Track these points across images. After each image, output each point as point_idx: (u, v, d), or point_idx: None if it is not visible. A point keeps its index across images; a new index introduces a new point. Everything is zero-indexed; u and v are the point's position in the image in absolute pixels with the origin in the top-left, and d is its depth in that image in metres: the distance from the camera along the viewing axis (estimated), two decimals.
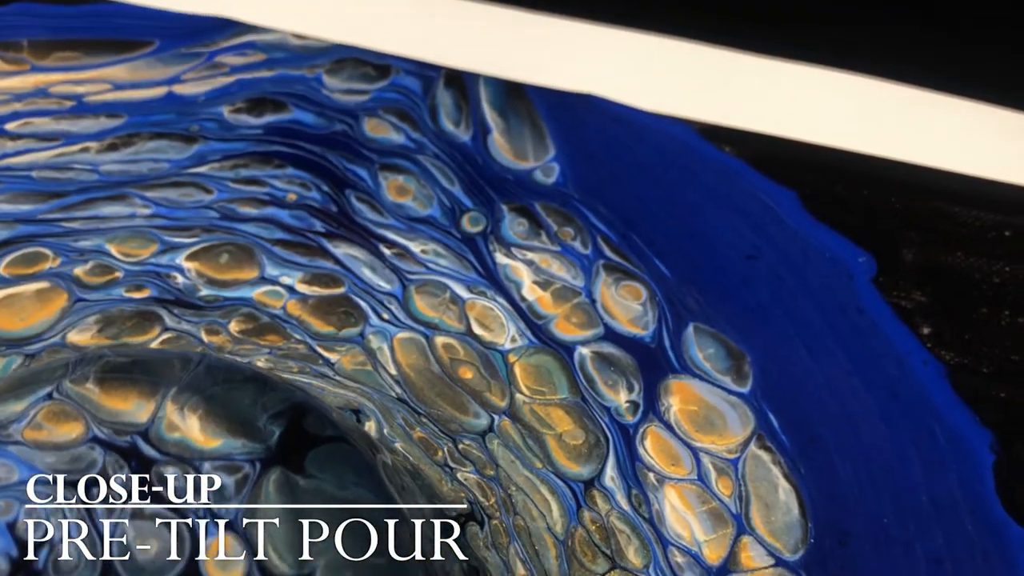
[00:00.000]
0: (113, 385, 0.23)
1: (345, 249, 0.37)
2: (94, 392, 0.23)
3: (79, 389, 0.23)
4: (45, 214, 0.38)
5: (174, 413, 0.22)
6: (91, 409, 0.23)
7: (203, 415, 0.23)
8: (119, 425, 0.22)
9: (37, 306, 0.36)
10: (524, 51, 0.46)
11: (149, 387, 0.23)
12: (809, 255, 0.38)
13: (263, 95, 0.42)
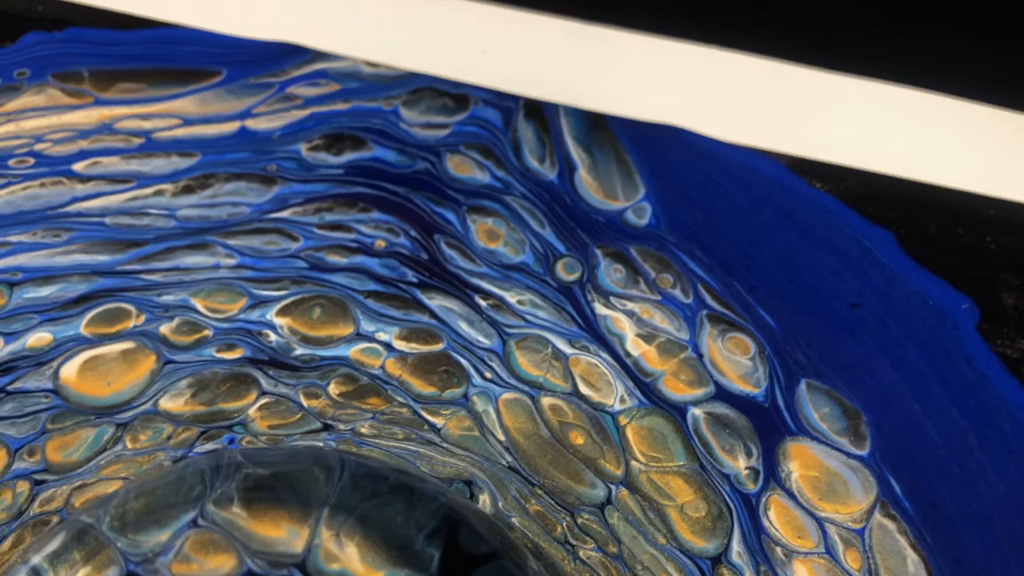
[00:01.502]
0: (260, 507, 0.22)
1: (440, 301, 0.35)
2: (241, 516, 0.21)
3: (225, 513, 0.21)
4: (124, 265, 0.36)
5: (330, 540, 0.21)
6: (241, 538, 0.21)
7: (360, 542, 0.21)
8: (273, 556, 0.21)
9: (124, 369, 0.34)
10: (602, 72, 0.44)
11: (299, 508, 0.21)
12: (912, 302, 0.36)
13: (341, 130, 0.40)
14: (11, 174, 0.40)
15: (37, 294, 0.36)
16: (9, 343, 0.35)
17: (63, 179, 0.39)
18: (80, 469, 0.32)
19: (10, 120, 0.41)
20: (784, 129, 0.43)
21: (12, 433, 0.33)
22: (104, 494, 0.31)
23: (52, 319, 0.35)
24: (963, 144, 0.43)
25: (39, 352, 0.35)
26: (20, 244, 0.38)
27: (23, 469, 0.33)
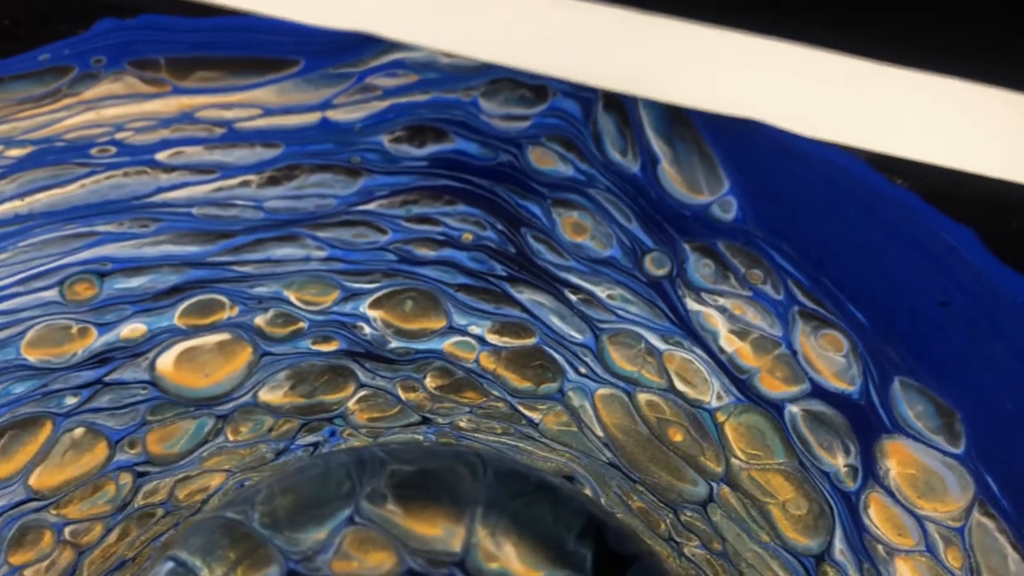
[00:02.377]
0: (414, 505, 0.22)
1: (530, 295, 0.36)
2: (397, 514, 0.22)
3: (380, 511, 0.22)
4: (214, 256, 0.36)
5: (487, 539, 0.21)
6: (399, 535, 0.21)
7: (516, 541, 0.21)
8: (433, 554, 0.21)
9: (221, 360, 0.34)
10: (674, 66, 0.44)
11: (452, 506, 0.22)
12: (999, 299, 0.37)
13: (422, 122, 0.40)
14: (94, 163, 0.40)
15: (127, 285, 0.36)
16: (103, 334, 0.35)
17: (147, 168, 0.40)
18: (182, 461, 0.33)
19: (89, 108, 0.42)
20: (860, 125, 0.44)
21: (112, 424, 0.34)
22: (211, 486, 0.32)
23: (145, 310, 0.36)
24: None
25: (134, 343, 0.35)
26: (107, 234, 0.38)
27: (125, 461, 0.33)
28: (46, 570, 0.32)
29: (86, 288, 0.36)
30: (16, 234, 0.38)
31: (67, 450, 0.34)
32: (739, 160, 0.42)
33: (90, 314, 0.36)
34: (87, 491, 0.33)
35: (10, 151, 0.41)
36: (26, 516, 0.33)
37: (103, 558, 0.31)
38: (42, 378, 0.35)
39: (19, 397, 0.35)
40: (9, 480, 0.33)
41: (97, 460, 0.33)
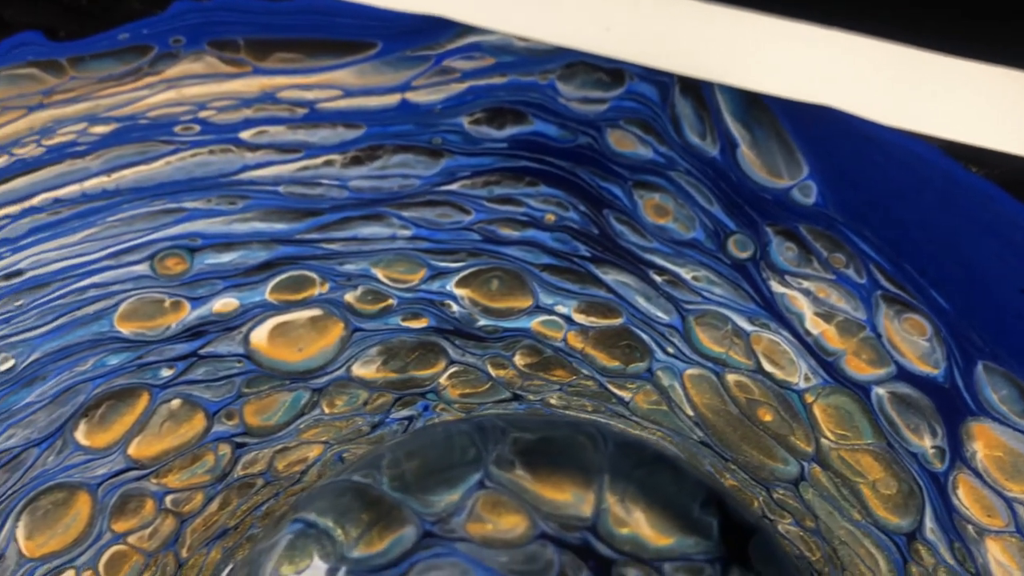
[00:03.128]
0: (542, 471, 0.23)
1: (615, 275, 0.36)
2: (526, 479, 0.23)
3: (509, 476, 0.23)
4: (302, 234, 0.37)
5: (617, 506, 0.22)
6: (530, 500, 0.22)
7: (645, 508, 0.22)
8: (564, 519, 0.22)
9: (314, 335, 0.35)
10: (754, 56, 0.45)
11: (580, 473, 0.23)
12: None
13: (500, 104, 0.41)
14: (178, 141, 0.41)
15: (218, 260, 0.37)
16: (196, 308, 0.36)
17: (231, 147, 0.40)
18: (280, 433, 0.34)
19: (171, 87, 0.43)
20: (935, 114, 0.44)
21: (208, 396, 0.34)
22: (309, 458, 0.33)
23: (236, 285, 0.37)
24: None
25: (227, 317, 0.36)
26: (196, 210, 0.39)
27: (223, 432, 0.34)
28: (149, 537, 0.32)
29: (177, 263, 0.37)
30: (105, 209, 0.39)
31: (165, 421, 0.34)
32: (817, 145, 0.43)
33: (182, 288, 0.37)
34: (186, 461, 0.34)
35: (94, 128, 0.42)
36: (127, 485, 0.34)
37: (205, 526, 0.32)
38: (136, 350, 0.36)
39: (114, 369, 0.36)
40: (108, 450, 0.34)
41: (195, 431, 0.34)
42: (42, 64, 0.44)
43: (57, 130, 0.41)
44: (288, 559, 0.24)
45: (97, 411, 0.35)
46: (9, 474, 0.34)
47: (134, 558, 0.32)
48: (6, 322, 0.36)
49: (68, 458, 0.34)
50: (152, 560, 0.32)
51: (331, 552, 0.23)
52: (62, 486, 0.33)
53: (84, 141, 0.41)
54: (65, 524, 0.33)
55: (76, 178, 0.40)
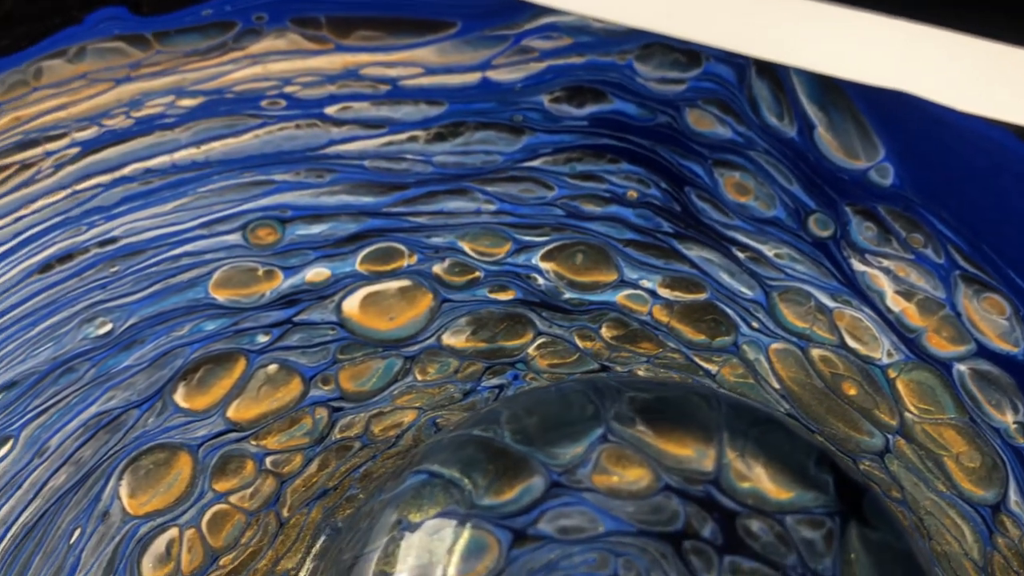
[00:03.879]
0: (662, 427, 0.24)
1: (698, 251, 0.37)
2: (647, 434, 0.24)
3: (631, 431, 0.24)
4: (389, 207, 0.38)
5: (737, 461, 0.23)
6: (653, 454, 0.23)
7: (764, 464, 0.23)
8: (687, 472, 0.23)
9: (404, 305, 0.36)
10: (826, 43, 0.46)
11: (699, 430, 0.24)
12: None
13: (579, 83, 0.42)
14: (265, 115, 0.42)
15: (308, 231, 0.38)
16: (289, 277, 0.37)
17: (317, 122, 0.42)
18: (375, 398, 0.35)
19: (256, 62, 0.44)
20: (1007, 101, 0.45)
21: (304, 362, 0.36)
22: (404, 423, 0.34)
23: (327, 255, 0.38)
24: None
25: (319, 286, 0.37)
26: (284, 183, 0.40)
27: (319, 396, 0.35)
28: (250, 496, 0.34)
29: (268, 233, 0.38)
30: (195, 180, 0.40)
31: (262, 385, 0.36)
32: (893, 128, 0.44)
33: (274, 258, 0.38)
34: (284, 424, 0.35)
35: (182, 101, 0.43)
36: (227, 446, 0.35)
37: (305, 487, 0.33)
38: (232, 317, 0.37)
39: (211, 334, 0.37)
40: (208, 412, 0.35)
41: (292, 395, 0.36)
42: (128, 38, 0.45)
43: (145, 102, 0.42)
44: (416, 506, 0.25)
45: (195, 375, 0.36)
46: (110, 435, 0.35)
47: (236, 517, 0.33)
48: (102, 288, 0.38)
49: (168, 420, 0.35)
50: (254, 519, 0.33)
51: (460, 499, 0.24)
52: (163, 447, 0.34)
53: (172, 114, 0.42)
54: (167, 483, 0.34)
55: (166, 149, 0.41)
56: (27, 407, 0.35)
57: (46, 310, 0.37)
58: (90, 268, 0.38)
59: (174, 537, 0.33)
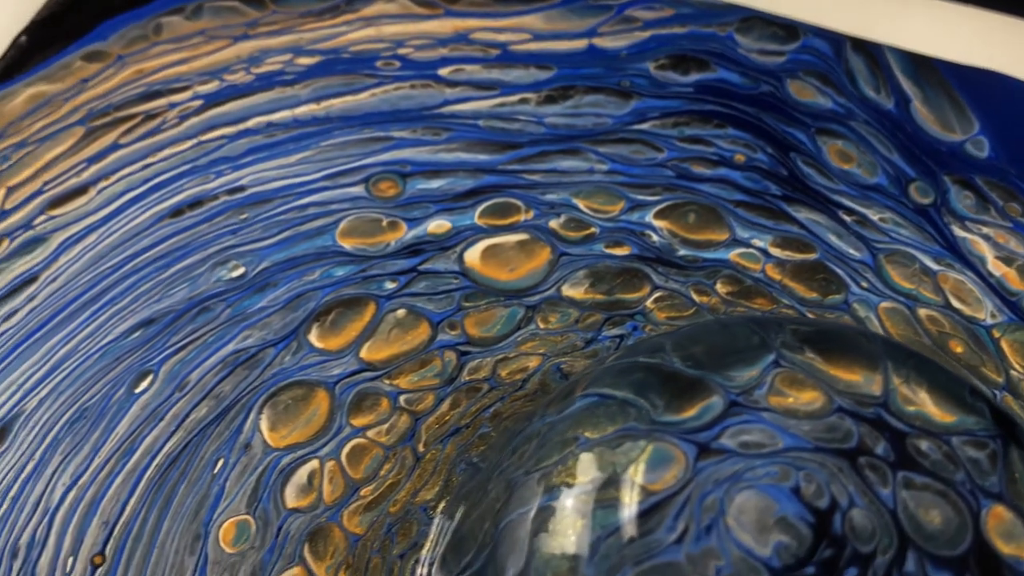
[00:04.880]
0: (830, 355, 0.25)
1: (806, 214, 0.39)
2: (817, 360, 0.25)
3: (801, 357, 0.25)
4: (504, 165, 0.40)
5: (903, 386, 0.25)
6: (824, 379, 0.25)
7: (928, 390, 0.25)
8: (857, 396, 0.24)
9: (523, 257, 0.37)
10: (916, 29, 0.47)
11: (863, 359, 0.25)
12: None
13: (683, 52, 0.44)
14: (381, 75, 0.43)
15: (428, 186, 0.40)
16: (412, 228, 0.39)
17: (431, 83, 0.43)
18: (500, 344, 0.36)
19: (369, 24, 0.45)
20: None
21: (431, 308, 0.37)
22: (530, 367, 0.35)
23: (447, 209, 0.39)
24: None
25: (441, 238, 0.39)
26: (403, 140, 0.41)
27: (447, 341, 0.36)
28: (387, 432, 0.35)
29: (390, 187, 0.40)
30: (317, 134, 0.42)
31: (392, 328, 0.37)
32: (987, 104, 0.45)
33: (397, 210, 0.39)
34: (415, 365, 0.36)
35: (300, 59, 0.44)
36: (362, 384, 0.36)
37: (438, 424, 0.35)
38: (360, 264, 0.38)
39: (341, 279, 0.38)
40: (342, 352, 0.37)
41: (421, 339, 0.37)
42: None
43: (264, 59, 0.44)
44: (591, 425, 0.27)
45: (328, 317, 0.37)
46: (248, 371, 0.37)
47: (374, 451, 0.35)
48: (232, 233, 0.39)
49: (304, 359, 0.37)
50: (391, 453, 0.34)
51: (638, 417, 0.26)
52: (301, 383, 0.36)
53: (291, 71, 0.43)
54: (306, 418, 0.35)
55: (287, 104, 0.42)
56: (165, 343, 0.37)
57: (179, 253, 0.39)
58: (220, 215, 0.40)
59: (315, 468, 0.34)
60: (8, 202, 0.40)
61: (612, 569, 0.24)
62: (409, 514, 0.34)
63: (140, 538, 0.33)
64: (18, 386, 0.36)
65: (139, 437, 0.35)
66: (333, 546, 0.34)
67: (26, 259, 0.39)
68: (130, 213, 0.40)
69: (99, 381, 0.36)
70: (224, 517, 0.34)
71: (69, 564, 0.33)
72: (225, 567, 0.33)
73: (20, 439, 0.35)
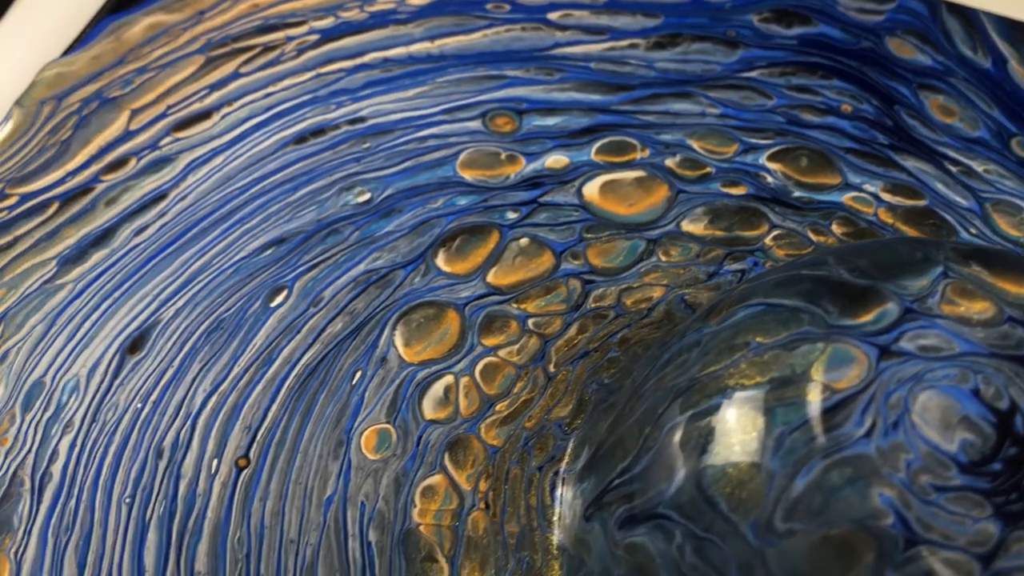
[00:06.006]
0: (993, 269, 0.26)
1: (913, 162, 0.40)
2: (984, 274, 0.26)
3: (968, 270, 0.26)
4: (617, 106, 0.40)
5: None
6: (993, 291, 0.25)
7: None
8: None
9: (641, 193, 0.38)
10: None
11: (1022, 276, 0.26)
12: None
13: (785, 7, 0.44)
14: (491, 17, 0.44)
15: (544, 123, 0.41)
16: (530, 162, 0.39)
17: (541, 26, 0.44)
18: (623, 274, 0.37)
19: None
20: None
21: (553, 238, 0.38)
22: (654, 297, 0.36)
23: (564, 145, 0.40)
24: None
25: (559, 172, 0.39)
26: (517, 78, 0.42)
27: (571, 269, 0.37)
28: (517, 352, 0.36)
29: (506, 122, 0.40)
30: (433, 71, 0.42)
31: (516, 256, 0.38)
32: None
33: (515, 144, 0.40)
34: (541, 291, 0.37)
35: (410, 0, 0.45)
36: (491, 307, 0.37)
37: (567, 347, 0.35)
38: (481, 194, 0.39)
39: (463, 208, 0.39)
40: (469, 276, 0.37)
41: (545, 266, 0.38)
42: None
43: None
44: (761, 331, 0.27)
45: (453, 243, 0.38)
46: (380, 290, 0.37)
47: (506, 369, 0.35)
48: (356, 161, 0.40)
49: (432, 281, 0.37)
50: (523, 372, 0.35)
51: (812, 322, 0.26)
52: (431, 303, 0.36)
53: (403, 11, 0.44)
54: (438, 336, 0.36)
55: (401, 42, 0.43)
56: (297, 262, 0.37)
57: (305, 177, 0.39)
58: (343, 143, 0.40)
59: (450, 384, 0.35)
60: (133, 123, 0.40)
61: (799, 462, 0.25)
62: (545, 429, 0.35)
63: (283, 443, 0.34)
64: (154, 296, 0.36)
65: (277, 348, 0.35)
66: (472, 456, 0.34)
67: (154, 178, 0.39)
68: (254, 138, 0.40)
69: (234, 294, 0.37)
70: (365, 425, 0.34)
71: (214, 466, 0.33)
72: (368, 472, 0.33)
73: (158, 347, 0.35)
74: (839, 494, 0.25)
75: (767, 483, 0.25)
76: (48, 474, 0.34)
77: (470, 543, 0.33)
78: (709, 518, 0.26)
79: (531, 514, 0.33)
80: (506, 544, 0.33)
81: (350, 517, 0.33)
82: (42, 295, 0.37)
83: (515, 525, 0.33)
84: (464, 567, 0.32)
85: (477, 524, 0.34)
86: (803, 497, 0.25)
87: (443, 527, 0.33)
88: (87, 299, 0.37)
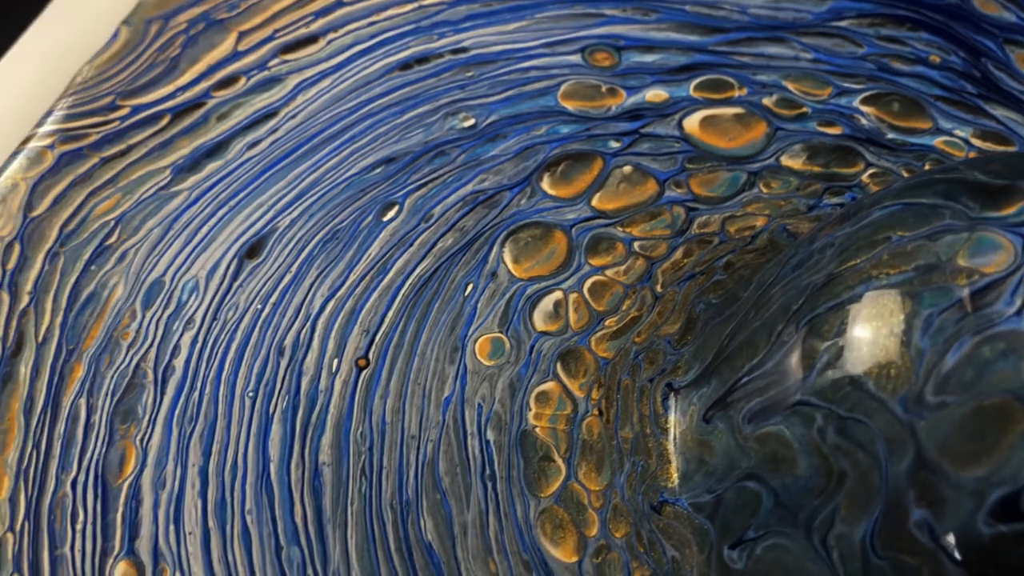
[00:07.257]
0: None
1: (1002, 111, 0.40)
2: None
3: None
4: (713, 47, 0.41)
5: None
6: None
7: None
8: None
9: (740, 129, 0.39)
10: None
11: None
12: None
13: None
14: None
15: (642, 59, 0.41)
16: (631, 96, 0.40)
17: None
18: (726, 203, 0.37)
19: None
20: None
21: (656, 167, 0.38)
22: (757, 226, 0.36)
23: (662, 81, 0.40)
24: None
25: (659, 106, 0.40)
26: (614, 17, 0.43)
27: (674, 197, 0.38)
28: (624, 272, 0.36)
29: (605, 58, 0.41)
30: (532, 6, 0.43)
31: (620, 182, 0.38)
32: None
33: (615, 78, 0.40)
34: (646, 216, 0.37)
35: None
36: (596, 229, 0.37)
37: (674, 269, 0.36)
38: (583, 124, 0.39)
39: (567, 136, 0.39)
40: (574, 200, 0.38)
41: (649, 193, 0.38)
42: None
43: None
44: (900, 226, 0.28)
45: (558, 168, 0.38)
46: (488, 209, 0.38)
47: (614, 288, 0.36)
48: (460, 88, 0.40)
49: (538, 203, 0.38)
50: (631, 291, 0.35)
51: (952, 216, 0.27)
52: (538, 224, 0.37)
53: None
54: (546, 255, 0.36)
55: None
56: (407, 180, 0.38)
57: (411, 102, 0.40)
58: (447, 71, 0.41)
59: (560, 299, 0.35)
60: (241, 44, 0.41)
61: (949, 339, 0.25)
62: (654, 344, 0.35)
63: (401, 346, 0.34)
64: (269, 207, 0.37)
65: (391, 259, 0.36)
66: (584, 366, 0.35)
67: (264, 96, 0.39)
68: (360, 63, 0.41)
69: (347, 208, 0.37)
70: (479, 334, 0.35)
71: (334, 365, 0.34)
72: (484, 377, 0.34)
73: (275, 253, 0.36)
74: (992, 367, 0.25)
75: (917, 360, 0.26)
76: (171, 367, 0.34)
77: (585, 446, 0.34)
78: (854, 398, 0.27)
79: (644, 422, 0.34)
80: (620, 448, 0.34)
81: (468, 417, 0.34)
82: (158, 200, 0.37)
83: (629, 431, 0.34)
84: (580, 468, 0.33)
85: (592, 429, 0.34)
86: (954, 371, 0.25)
87: (558, 430, 0.34)
88: (203, 206, 0.37)
